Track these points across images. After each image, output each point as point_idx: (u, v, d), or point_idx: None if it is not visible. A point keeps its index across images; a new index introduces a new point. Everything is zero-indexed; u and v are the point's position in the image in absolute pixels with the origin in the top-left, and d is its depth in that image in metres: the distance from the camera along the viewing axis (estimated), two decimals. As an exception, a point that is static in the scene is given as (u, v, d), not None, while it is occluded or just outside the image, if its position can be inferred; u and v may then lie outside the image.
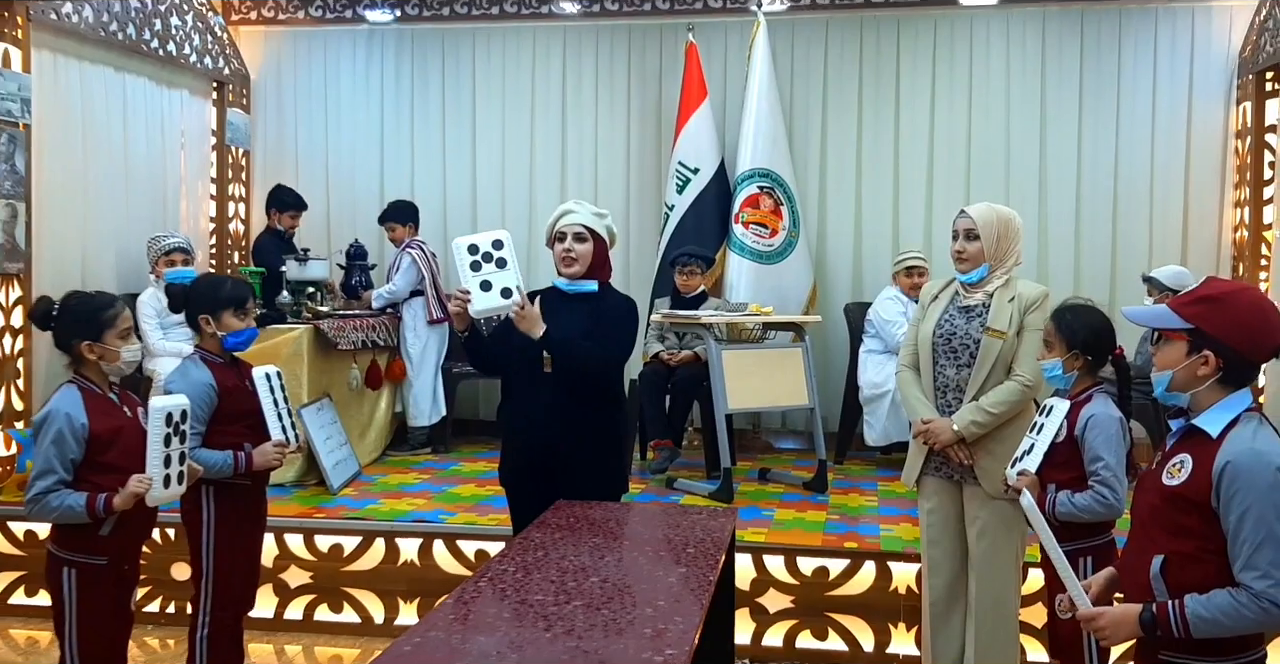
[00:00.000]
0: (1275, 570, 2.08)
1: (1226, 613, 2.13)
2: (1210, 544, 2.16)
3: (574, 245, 3.58)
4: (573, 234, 3.58)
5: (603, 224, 3.62)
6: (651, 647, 2.10)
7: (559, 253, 3.61)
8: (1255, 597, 2.10)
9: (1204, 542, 2.17)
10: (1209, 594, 2.15)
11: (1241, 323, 2.21)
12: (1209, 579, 2.16)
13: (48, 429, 2.98)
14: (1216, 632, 2.15)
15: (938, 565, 3.94)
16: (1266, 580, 2.09)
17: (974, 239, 3.77)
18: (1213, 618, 2.14)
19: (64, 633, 3.08)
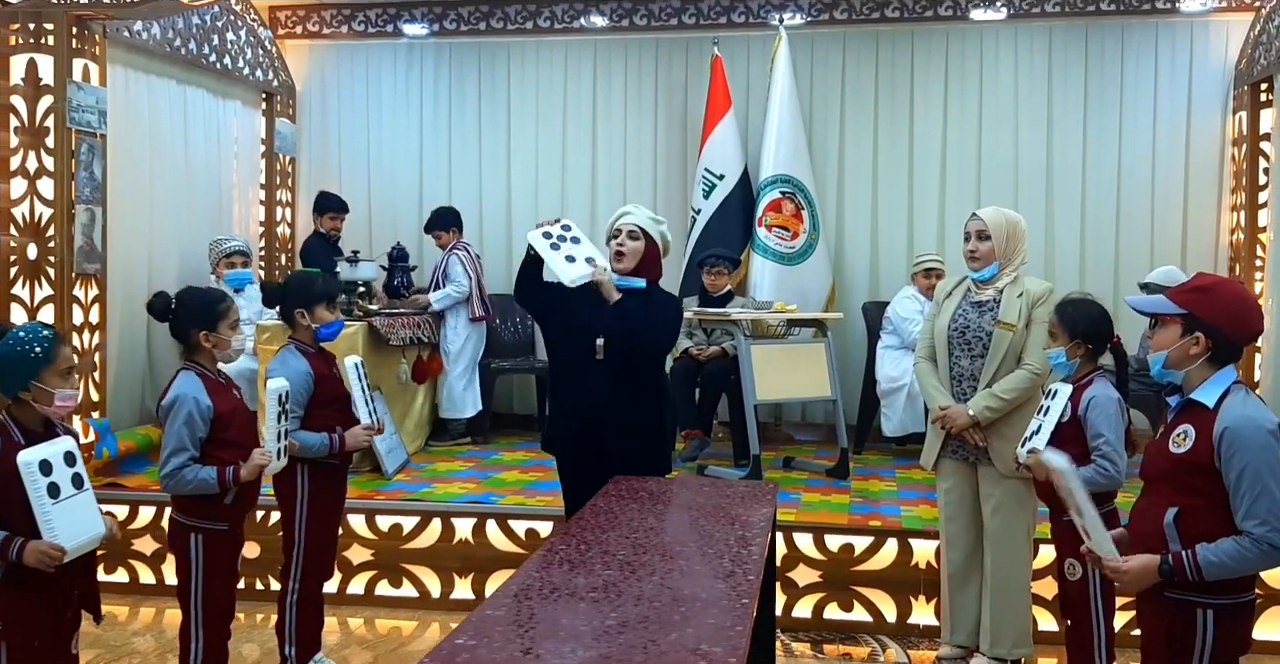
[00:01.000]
0: (1271, 517, 2.47)
1: (1233, 557, 2.51)
2: (1216, 499, 2.55)
3: (626, 242, 3.91)
4: (626, 232, 3.92)
5: (657, 229, 3.95)
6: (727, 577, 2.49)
7: (612, 248, 3.94)
8: (1256, 541, 2.48)
9: (1210, 498, 2.55)
10: (1217, 543, 2.52)
11: (1228, 309, 2.61)
12: (1215, 528, 2.54)
13: (178, 411, 3.34)
14: (1225, 573, 2.53)
15: (955, 541, 4.32)
16: (1264, 526, 2.48)
17: (985, 239, 4.15)
18: (1221, 562, 2.51)
19: (190, 592, 3.44)
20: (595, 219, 7.56)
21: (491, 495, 5.52)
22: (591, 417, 3.89)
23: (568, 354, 3.97)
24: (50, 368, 2.87)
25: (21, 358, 2.84)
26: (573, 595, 2.39)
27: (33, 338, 2.87)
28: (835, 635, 4.80)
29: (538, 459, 6.44)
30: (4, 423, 2.85)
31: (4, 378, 2.86)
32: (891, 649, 4.66)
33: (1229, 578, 2.55)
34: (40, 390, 2.87)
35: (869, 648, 4.68)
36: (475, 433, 7.16)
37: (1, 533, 2.74)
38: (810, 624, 4.88)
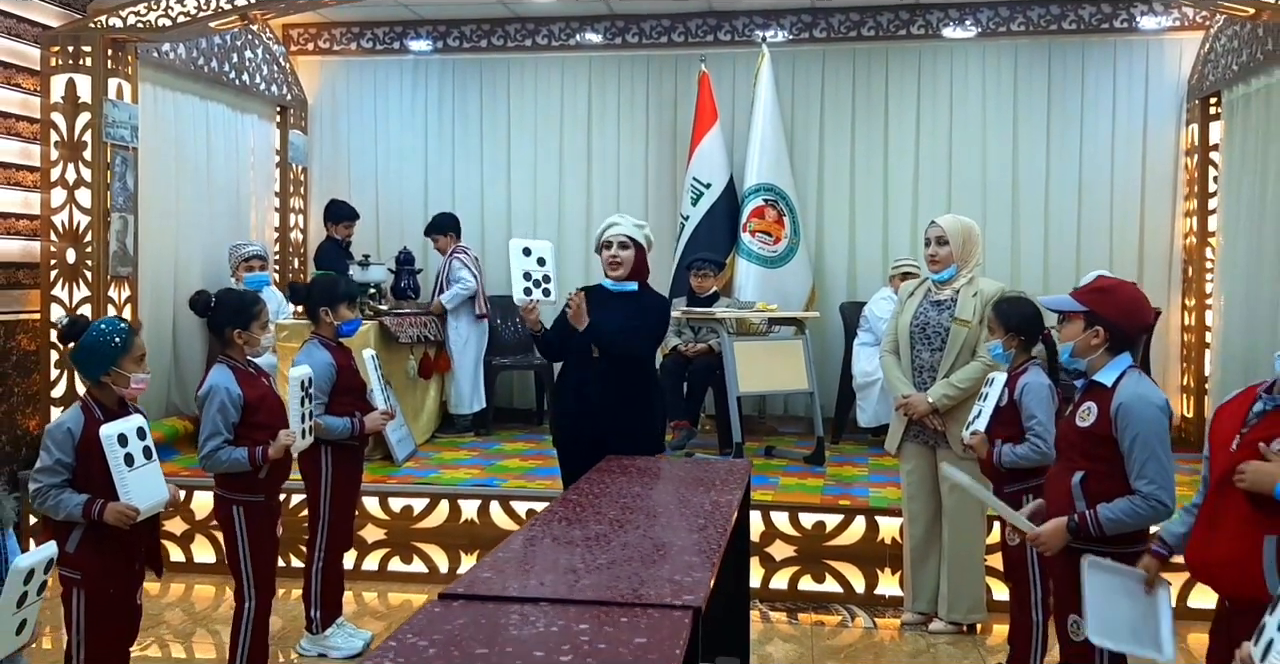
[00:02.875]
0: (1158, 478, 2.95)
1: (1127, 513, 2.98)
2: (1114, 464, 3.02)
3: (619, 252, 4.34)
4: (618, 243, 4.35)
5: (642, 233, 4.39)
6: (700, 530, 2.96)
7: (606, 258, 4.37)
8: (1145, 498, 2.96)
9: (1110, 463, 3.03)
10: (1114, 503, 2.99)
11: (1123, 307, 3.09)
12: (1114, 489, 3.01)
13: (212, 400, 3.80)
14: (1122, 528, 3.00)
15: (916, 517, 4.79)
16: (1152, 485, 2.96)
17: (944, 244, 4.63)
18: (1117, 518, 2.99)
19: (239, 559, 3.88)
20: (590, 224, 8.06)
21: (495, 480, 5.98)
22: (588, 411, 4.34)
23: (573, 356, 4.41)
24: (128, 356, 3.31)
25: (104, 347, 3.29)
26: (570, 543, 2.85)
27: (112, 330, 3.33)
28: (809, 605, 5.25)
29: (537, 448, 6.91)
30: (88, 403, 3.31)
31: (88, 364, 3.33)
32: (860, 617, 5.12)
33: (1125, 532, 3.01)
34: (118, 375, 3.31)
35: (839, 616, 5.13)
36: (479, 426, 7.62)
37: (85, 496, 3.21)
38: (786, 595, 5.33)
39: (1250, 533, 2.60)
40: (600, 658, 1.97)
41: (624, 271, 4.36)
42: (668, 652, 2.01)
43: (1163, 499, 2.96)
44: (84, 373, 3.38)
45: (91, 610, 3.29)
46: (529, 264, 4.26)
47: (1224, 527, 2.72)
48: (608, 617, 2.23)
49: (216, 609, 5.21)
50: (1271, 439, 2.58)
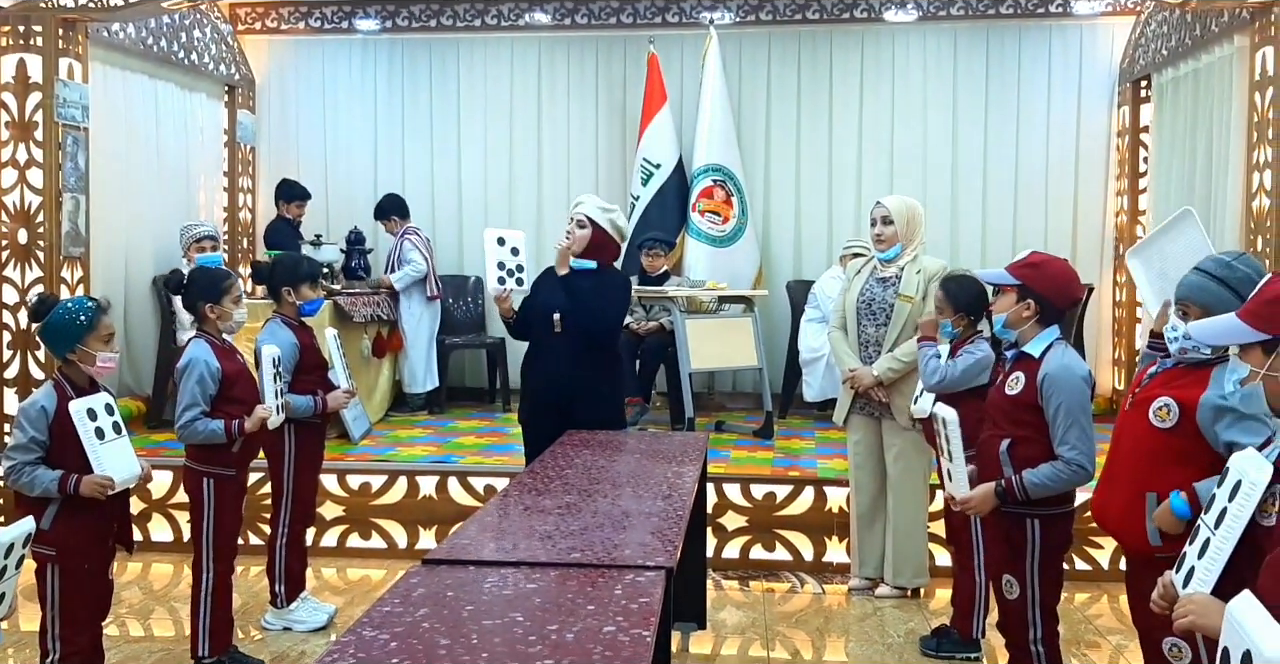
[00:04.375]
0: (1080, 444, 3.14)
1: (1050, 477, 3.17)
2: (1039, 431, 3.20)
3: (574, 230, 4.47)
4: (575, 220, 4.48)
5: (605, 217, 4.48)
6: (665, 498, 3.11)
7: (565, 233, 4.53)
8: (1067, 463, 3.15)
9: (1035, 430, 3.21)
10: (1038, 468, 3.18)
11: (1053, 281, 3.27)
12: (1038, 455, 3.20)
13: (191, 373, 3.88)
14: (1046, 492, 3.18)
15: (862, 486, 4.98)
16: (1074, 451, 3.14)
17: (889, 224, 4.79)
18: (1041, 483, 3.17)
19: (203, 530, 3.96)
20: (541, 204, 8.20)
21: (452, 456, 6.09)
22: (553, 384, 4.47)
23: (533, 331, 4.53)
24: (93, 334, 3.34)
25: (69, 325, 3.34)
26: (542, 511, 2.98)
27: (79, 308, 3.37)
28: (760, 573, 5.42)
29: (492, 426, 7.02)
30: (60, 381, 3.37)
31: (55, 342, 3.38)
32: (809, 583, 5.30)
33: (1049, 495, 3.20)
34: (84, 353, 3.34)
35: (789, 583, 5.31)
36: (432, 404, 7.70)
37: (59, 471, 3.27)
38: (738, 564, 5.50)
39: (1138, 490, 2.80)
40: (582, 615, 2.11)
41: (578, 248, 4.46)
42: (646, 607, 2.16)
43: (1083, 464, 3.14)
44: (51, 350, 3.44)
45: (66, 586, 3.36)
46: (503, 254, 4.36)
47: (1118, 484, 2.92)
48: (586, 577, 2.37)
49: (175, 587, 5.25)
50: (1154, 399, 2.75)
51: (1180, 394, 2.72)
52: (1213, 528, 2.01)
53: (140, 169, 7.05)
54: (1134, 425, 2.83)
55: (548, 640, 1.96)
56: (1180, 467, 2.70)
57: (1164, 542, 2.72)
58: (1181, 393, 2.72)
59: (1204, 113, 6.58)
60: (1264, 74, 5.48)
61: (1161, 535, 2.72)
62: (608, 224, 4.51)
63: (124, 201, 6.89)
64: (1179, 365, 2.80)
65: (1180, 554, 2.06)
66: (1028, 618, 3.25)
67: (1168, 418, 2.72)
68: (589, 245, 4.48)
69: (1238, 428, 2.61)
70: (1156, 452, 2.75)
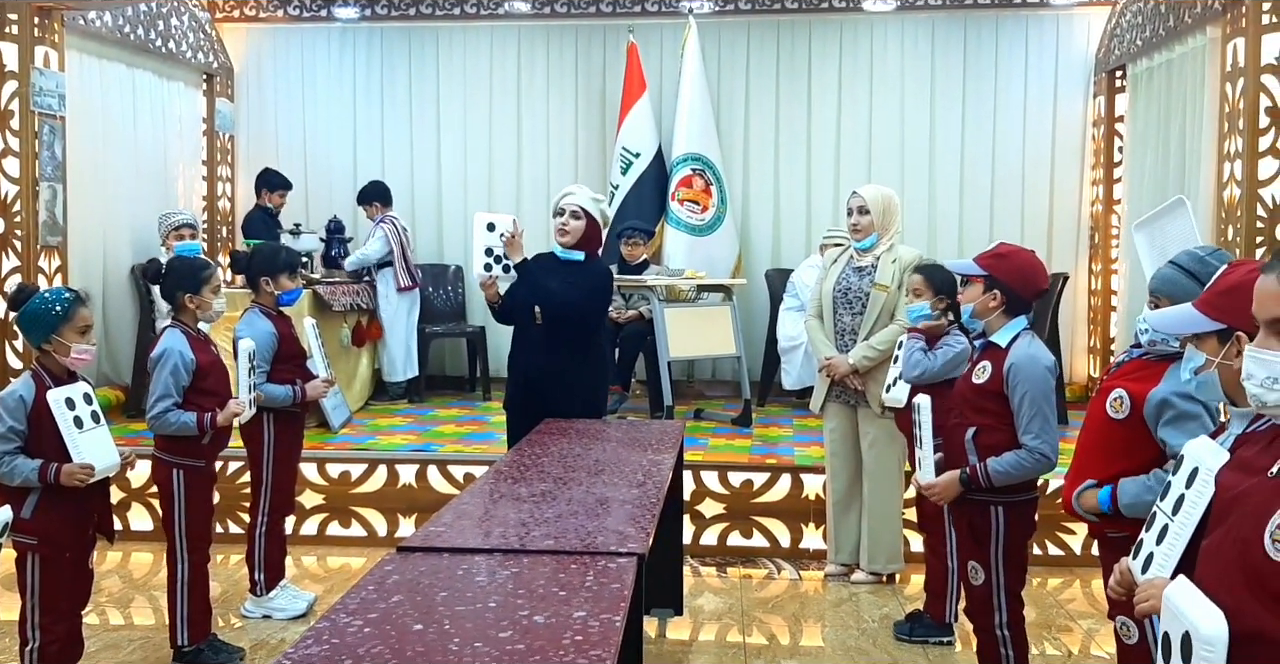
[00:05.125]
0: (1042, 433, 3.19)
1: (1013, 465, 3.22)
2: (1003, 420, 3.26)
3: (570, 221, 4.48)
4: (570, 211, 4.48)
5: (597, 207, 4.52)
6: (639, 486, 3.15)
7: (557, 225, 4.51)
8: (1030, 451, 3.19)
9: (999, 419, 3.26)
10: (1002, 456, 3.22)
11: (1019, 272, 3.31)
12: (1002, 443, 3.25)
13: (165, 363, 3.89)
14: (1009, 480, 3.23)
15: (837, 473, 5.03)
16: (1037, 439, 3.19)
17: (865, 213, 4.83)
18: (1005, 471, 3.22)
19: (173, 521, 3.98)
20: (520, 193, 8.22)
21: (431, 445, 6.11)
22: (534, 373, 4.50)
23: (516, 322, 4.56)
24: (68, 325, 3.33)
25: (44, 315, 3.35)
26: (518, 499, 3.02)
27: (55, 299, 3.38)
28: (737, 559, 5.47)
29: (472, 414, 7.05)
30: (38, 371, 3.38)
31: (30, 331, 3.39)
32: (786, 570, 5.35)
33: (1012, 483, 3.25)
34: (59, 344, 3.35)
35: (766, 569, 5.36)
36: (411, 393, 7.73)
37: (39, 460, 3.28)
38: (715, 550, 5.54)
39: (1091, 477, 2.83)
40: (554, 600, 2.15)
41: (571, 239, 4.49)
42: (616, 593, 2.20)
43: (1046, 452, 3.19)
44: (27, 339, 3.46)
45: (47, 575, 3.38)
46: (491, 239, 4.37)
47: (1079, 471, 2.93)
48: (559, 564, 2.41)
49: (155, 576, 5.27)
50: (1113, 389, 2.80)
51: (1134, 387, 2.75)
52: (1170, 514, 2.05)
53: (118, 158, 7.03)
54: (1095, 415, 2.88)
55: (518, 625, 2.00)
56: (1125, 458, 2.74)
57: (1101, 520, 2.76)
58: (1136, 386, 2.75)
59: (1177, 103, 6.64)
60: (1235, 65, 5.54)
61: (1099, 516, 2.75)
62: (599, 215, 4.55)
63: (102, 191, 6.86)
64: (1145, 357, 2.84)
65: (1137, 541, 2.11)
66: (993, 603, 3.31)
67: (1121, 409, 2.76)
68: (580, 237, 4.50)
69: (1173, 427, 2.65)
70: (1108, 441, 2.80)
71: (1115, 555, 2.65)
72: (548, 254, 4.59)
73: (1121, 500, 2.66)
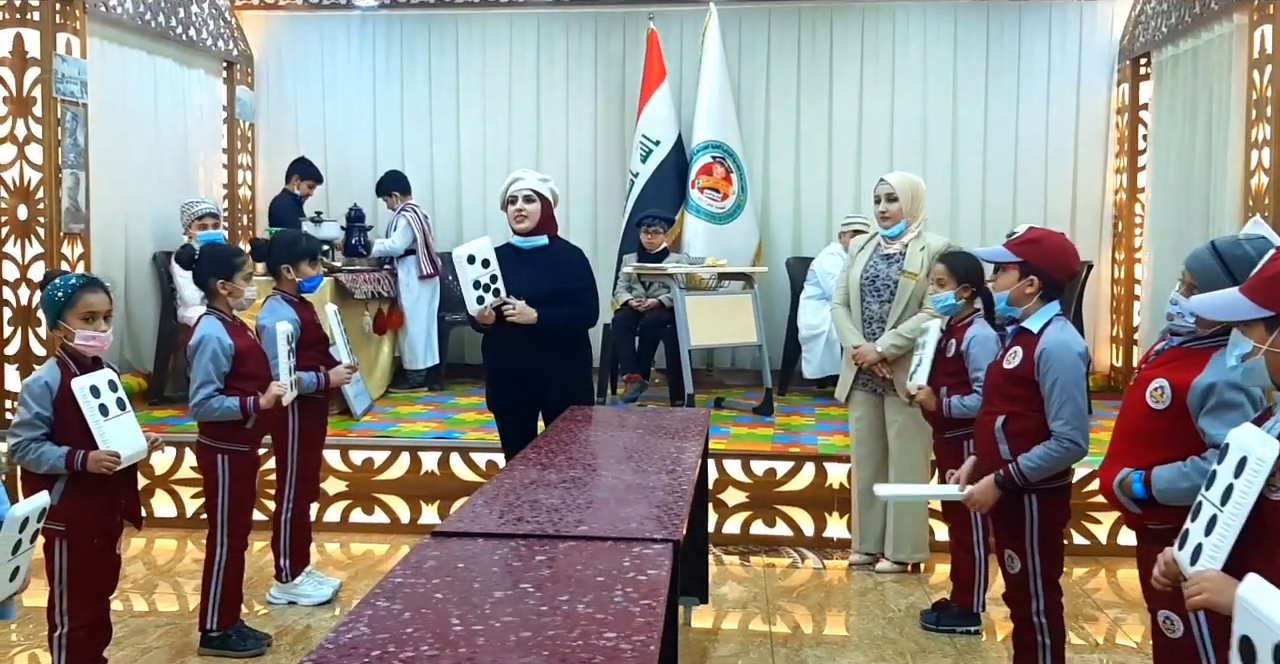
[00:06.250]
0: (1073, 419, 3.16)
1: (1044, 457, 3.19)
2: (1033, 407, 3.23)
3: (524, 206, 4.41)
4: (523, 197, 4.42)
5: (546, 187, 4.47)
6: (669, 473, 3.13)
7: (512, 213, 4.44)
8: (1059, 439, 3.16)
9: (1029, 405, 3.23)
10: (1032, 452, 3.19)
11: (1053, 256, 3.28)
12: (1032, 429, 3.22)
13: (204, 350, 3.89)
14: (1043, 474, 3.20)
15: (863, 462, 5.01)
16: (1067, 426, 3.16)
17: (894, 201, 4.80)
18: (1037, 465, 3.19)
19: (216, 506, 3.99)
20: (540, 181, 8.14)
21: (454, 432, 6.11)
22: (517, 367, 4.44)
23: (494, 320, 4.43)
24: (72, 311, 3.26)
25: (49, 300, 3.32)
26: (548, 485, 3.01)
27: (62, 285, 3.32)
28: (760, 548, 5.46)
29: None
30: (62, 358, 3.36)
31: (46, 317, 3.39)
32: (809, 558, 5.34)
33: (1047, 476, 3.22)
34: (65, 330, 3.29)
35: (790, 558, 5.34)
36: (432, 381, 7.73)
37: (65, 447, 3.27)
38: (738, 539, 5.53)
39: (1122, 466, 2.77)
40: (592, 586, 2.14)
41: (530, 225, 4.44)
42: (655, 579, 2.18)
43: (1076, 439, 3.16)
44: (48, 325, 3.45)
45: (74, 562, 3.37)
46: (476, 271, 4.28)
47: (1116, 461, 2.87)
48: (595, 550, 2.39)
49: (179, 562, 5.29)
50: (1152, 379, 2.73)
51: (1176, 376, 2.69)
52: (1218, 505, 2.02)
53: (139, 145, 7.03)
54: (1133, 404, 2.83)
55: (559, 611, 1.98)
56: (1167, 449, 2.68)
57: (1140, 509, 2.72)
58: (1176, 375, 2.69)
59: (1203, 90, 6.58)
60: (1262, 52, 5.49)
61: (1137, 502, 2.72)
62: (549, 193, 4.50)
63: (123, 178, 6.86)
64: (1184, 345, 2.78)
65: (1182, 531, 2.08)
66: (1030, 590, 3.29)
67: (1161, 399, 2.70)
68: (539, 220, 4.46)
69: (1213, 416, 2.59)
70: (1148, 431, 2.74)
71: (1154, 548, 2.62)
72: (505, 248, 4.47)
73: (1156, 486, 2.63)
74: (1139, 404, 2.76)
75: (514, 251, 4.47)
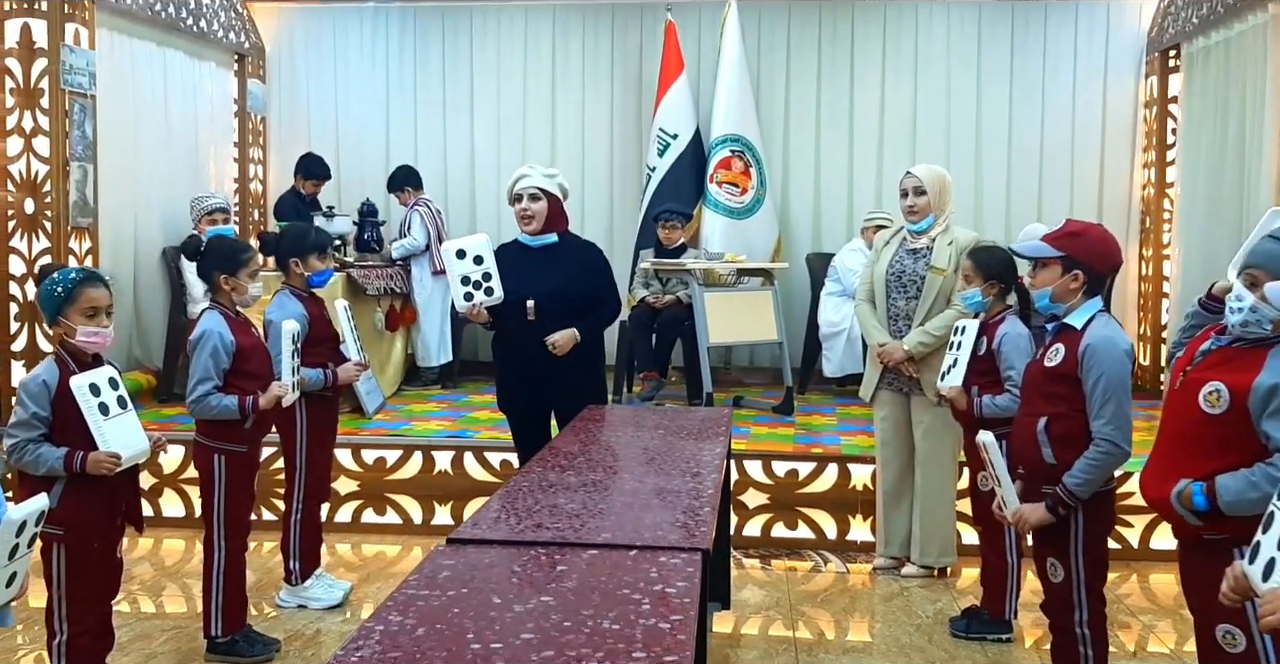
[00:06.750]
0: (1116, 419, 3.01)
1: (1087, 469, 3.03)
2: (1076, 406, 3.07)
3: (529, 205, 4.29)
4: (528, 195, 4.29)
5: (553, 183, 4.34)
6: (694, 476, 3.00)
7: (518, 212, 4.32)
8: (1098, 442, 3.00)
9: (1071, 405, 3.08)
10: (1074, 469, 3.03)
11: (1097, 249, 3.14)
12: (1075, 431, 3.06)
13: (204, 345, 3.76)
14: (1092, 487, 3.05)
15: (888, 463, 4.87)
16: (1109, 426, 3.01)
17: (921, 194, 4.65)
18: (1083, 479, 3.03)
19: (213, 507, 3.87)
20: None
21: (468, 431, 5.99)
22: (532, 370, 4.32)
23: (502, 321, 4.33)
24: (72, 307, 3.13)
25: (48, 295, 3.19)
26: (567, 489, 2.87)
27: (62, 279, 3.19)
28: (782, 551, 5.33)
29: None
30: (61, 355, 3.22)
31: (44, 312, 3.25)
32: (832, 562, 5.20)
33: (1097, 489, 3.07)
34: (66, 326, 3.16)
35: (812, 562, 5.20)
36: (445, 379, 7.60)
37: (64, 448, 3.14)
38: (759, 542, 5.40)
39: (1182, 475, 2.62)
40: (617, 600, 2.00)
41: (537, 225, 4.32)
42: (684, 591, 2.05)
43: (1116, 441, 3.01)
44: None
45: (73, 566, 3.25)
46: (466, 267, 4.17)
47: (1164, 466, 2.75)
48: (619, 560, 2.26)
49: (187, 563, 5.17)
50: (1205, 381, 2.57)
51: (1232, 379, 2.52)
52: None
53: (148, 138, 6.91)
54: (1183, 407, 2.65)
55: (584, 628, 1.85)
56: (1225, 455, 2.53)
57: (1201, 521, 2.57)
58: (1233, 378, 2.52)
59: (1235, 83, 6.41)
60: (1301, 41, 5.32)
61: (1198, 515, 2.57)
62: (557, 189, 4.37)
63: (132, 171, 6.75)
64: (1234, 344, 2.61)
65: (1253, 544, 1.93)
66: (1073, 599, 3.14)
67: (1217, 404, 2.53)
68: (546, 218, 4.33)
69: (1278, 420, 2.44)
70: (1202, 437, 2.58)
71: (1208, 559, 2.47)
72: (513, 246, 4.37)
73: (1222, 498, 2.47)
74: (1191, 409, 2.59)
75: (522, 249, 4.37)
